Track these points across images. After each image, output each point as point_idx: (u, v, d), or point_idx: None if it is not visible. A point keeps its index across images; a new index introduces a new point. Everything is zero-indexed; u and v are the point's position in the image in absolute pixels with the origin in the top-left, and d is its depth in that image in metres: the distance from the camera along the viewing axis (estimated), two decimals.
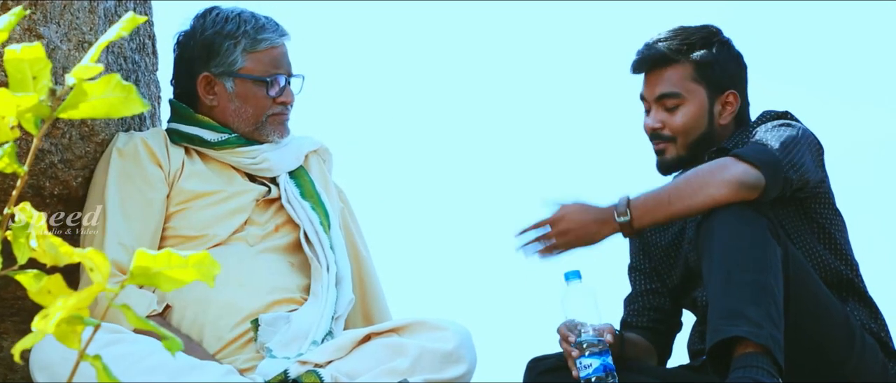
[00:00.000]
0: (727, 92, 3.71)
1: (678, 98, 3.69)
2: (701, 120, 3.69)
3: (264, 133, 3.74)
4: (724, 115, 3.72)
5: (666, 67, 3.70)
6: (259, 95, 3.72)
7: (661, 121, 3.70)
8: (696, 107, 3.69)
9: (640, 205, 3.48)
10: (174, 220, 3.64)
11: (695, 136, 3.68)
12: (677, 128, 3.68)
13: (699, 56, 3.68)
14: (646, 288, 3.87)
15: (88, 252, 1.62)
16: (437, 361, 3.42)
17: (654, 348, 3.85)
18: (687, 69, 3.69)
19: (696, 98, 3.69)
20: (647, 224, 3.50)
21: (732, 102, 3.72)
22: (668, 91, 3.69)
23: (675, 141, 3.69)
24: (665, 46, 3.70)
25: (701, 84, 3.69)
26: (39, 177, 3.57)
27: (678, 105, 3.69)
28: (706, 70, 3.69)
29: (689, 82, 3.69)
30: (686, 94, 3.69)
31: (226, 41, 3.70)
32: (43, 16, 3.51)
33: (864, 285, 3.69)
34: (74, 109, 1.67)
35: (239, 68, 3.71)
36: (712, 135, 3.70)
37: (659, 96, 3.70)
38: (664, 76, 3.70)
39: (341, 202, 3.94)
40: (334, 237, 3.73)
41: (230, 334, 3.52)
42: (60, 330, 1.59)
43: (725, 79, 3.71)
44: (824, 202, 3.66)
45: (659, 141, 3.71)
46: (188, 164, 3.70)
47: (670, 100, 3.69)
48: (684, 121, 3.68)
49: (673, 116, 3.69)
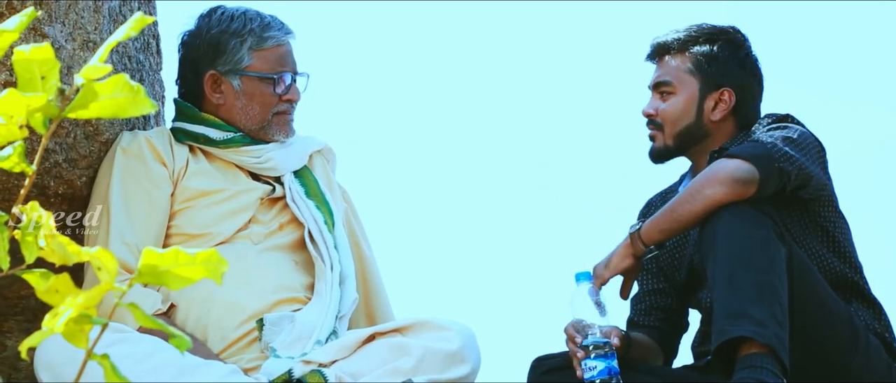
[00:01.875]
0: (722, 89, 3.74)
1: (670, 86, 3.77)
2: (688, 111, 3.75)
3: (270, 132, 3.74)
4: (716, 112, 3.75)
5: (665, 56, 3.79)
6: (266, 93, 3.73)
7: (654, 108, 3.79)
8: (684, 98, 3.76)
9: (649, 219, 3.55)
10: (178, 219, 3.65)
11: (680, 127, 3.75)
12: (665, 116, 3.76)
13: (697, 49, 3.76)
14: (652, 288, 3.88)
15: (96, 251, 1.62)
16: (441, 361, 3.42)
17: (660, 348, 3.85)
18: (683, 60, 3.78)
19: (687, 89, 3.76)
20: (655, 233, 3.55)
21: (726, 100, 3.74)
22: (662, 79, 3.78)
23: (662, 129, 3.77)
24: (670, 37, 3.79)
25: (695, 77, 3.76)
26: (44, 176, 3.57)
27: (670, 93, 3.77)
28: (702, 64, 3.75)
29: (682, 73, 3.77)
30: (678, 83, 3.77)
31: (232, 39, 3.71)
32: (48, 15, 3.51)
33: (868, 286, 3.69)
34: (83, 109, 1.67)
35: (246, 66, 3.71)
36: (701, 129, 3.74)
37: (655, 84, 3.80)
38: (663, 65, 3.80)
39: (345, 202, 3.95)
40: (338, 236, 3.73)
41: (234, 333, 3.52)
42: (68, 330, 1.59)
43: (722, 76, 3.74)
44: (828, 205, 3.67)
45: (651, 127, 3.80)
46: (193, 163, 3.70)
47: (664, 88, 3.78)
48: (672, 110, 3.76)
49: (664, 104, 3.77)
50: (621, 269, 3.60)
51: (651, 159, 3.82)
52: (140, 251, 3.54)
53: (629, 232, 3.59)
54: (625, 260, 3.59)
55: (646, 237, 3.56)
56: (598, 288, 3.60)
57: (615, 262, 3.59)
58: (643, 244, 3.57)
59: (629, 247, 3.58)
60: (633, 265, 3.59)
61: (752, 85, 3.79)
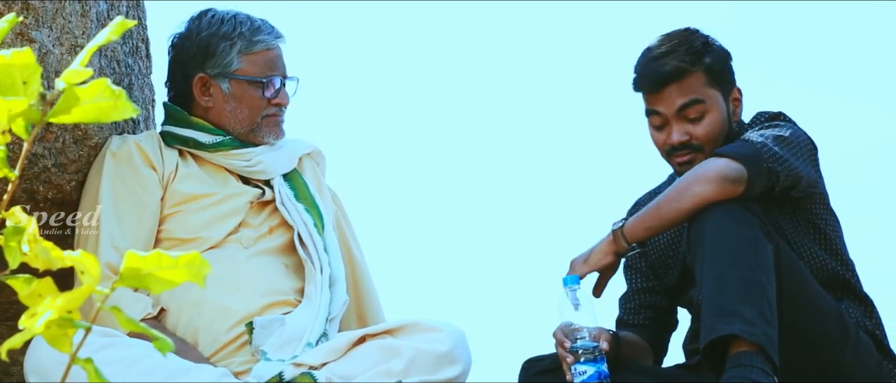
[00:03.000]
0: (733, 88, 3.72)
1: (702, 105, 3.64)
2: (724, 123, 3.66)
3: (259, 134, 3.75)
4: (736, 112, 3.72)
5: (683, 79, 3.65)
6: (254, 96, 3.73)
7: (686, 132, 3.64)
8: (717, 112, 3.66)
9: (634, 217, 3.52)
10: (168, 223, 3.65)
11: (720, 141, 3.65)
12: (704, 136, 3.63)
13: (708, 61, 3.67)
14: (641, 287, 3.88)
15: (79, 255, 1.62)
16: (431, 362, 3.42)
17: (650, 346, 3.85)
18: (702, 76, 3.65)
19: (716, 102, 3.66)
20: (640, 231, 3.52)
21: (739, 97, 3.73)
22: (691, 99, 3.64)
23: (702, 150, 3.63)
24: (676, 59, 3.66)
25: (715, 88, 3.67)
26: (33, 181, 3.57)
27: (703, 112, 3.64)
28: (715, 73, 3.67)
29: (707, 88, 3.66)
30: (707, 99, 3.65)
31: (222, 42, 3.71)
32: (35, 20, 3.51)
33: (860, 283, 3.69)
34: (65, 114, 1.67)
35: (235, 69, 3.71)
36: (732, 134, 3.68)
37: (681, 107, 3.64)
38: (683, 87, 3.65)
39: (335, 205, 3.95)
40: (328, 239, 3.74)
41: (225, 337, 3.52)
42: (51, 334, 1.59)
43: (729, 76, 3.72)
44: (819, 202, 3.67)
45: (686, 152, 3.65)
46: (182, 167, 3.71)
47: (693, 110, 3.64)
48: (711, 128, 3.64)
49: (697, 125, 3.63)
50: (600, 266, 3.57)
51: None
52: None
53: (612, 228, 3.57)
54: (605, 257, 3.56)
55: (630, 234, 3.54)
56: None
57: (595, 259, 3.57)
58: (626, 242, 3.55)
59: (611, 245, 3.56)
60: (613, 263, 3.57)
61: (732, 67, 3.76)
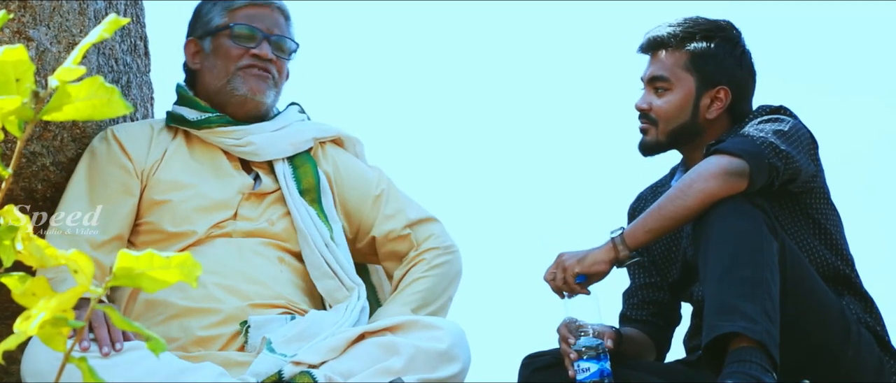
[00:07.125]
0: (718, 87, 3.72)
1: (666, 82, 3.73)
2: (684, 109, 3.72)
3: (234, 86, 3.69)
4: (712, 110, 3.73)
5: (661, 51, 3.75)
6: (230, 47, 3.69)
7: (648, 102, 3.75)
8: (681, 96, 3.73)
9: (632, 223, 3.52)
10: (152, 215, 3.60)
11: (675, 125, 3.72)
12: (660, 113, 3.73)
13: (695, 46, 3.72)
14: (644, 282, 3.88)
15: (72, 254, 1.61)
16: (431, 360, 3.41)
17: (653, 342, 3.85)
18: (681, 56, 3.73)
19: (684, 86, 3.73)
20: (642, 235, 3.51)
21: (722, 98, 3.73)
22: (658, 74, 3.75)
23: (656, 125, 3.73)
24: (667, 31, 3.75)
25: (691, 73, 3.72)
26: (31, 179, 3.57)
27: (666, 89, 3.73)
28: (699, 61, 3.71)
29: (679, 69, 3.73)
30: (674, 79, 3.73)
31: (206, 4, 3.74)
32: (32, 18, 3.50)
33: (860, 279, 3.69)
34: (58, 111, 1.66)
35: (215, 25, 3.71)
36: (696, 127, 3.72)
37: (650, 78, 3.76)
38: (658, 59, 3.75)
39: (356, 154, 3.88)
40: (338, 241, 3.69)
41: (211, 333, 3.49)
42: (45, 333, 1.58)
43: (719, 74, 3.72)
44: (819, 197, 3.66)
45: (644, 121, 3.76)
46: (172, 152, 3.65)
47: (659, 83, 3.74)
48: (667, 107, 3.73)
49: (659, 100, 3.74)
50: (592, 271, 3.55)
51: (641, 152, 3.79)
52: (102, 248, 3.51)
53: (610, 237, 3.54)
54: (599, 264, 3.53)
55: (631, 241, 3.50)
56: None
57: (589, 262, 3.53)
58: (627, 249, 3.52)
59: (609, 253, 3.52)
60: (605, 271, 3.54)
61: (748, 81, 3.78)
